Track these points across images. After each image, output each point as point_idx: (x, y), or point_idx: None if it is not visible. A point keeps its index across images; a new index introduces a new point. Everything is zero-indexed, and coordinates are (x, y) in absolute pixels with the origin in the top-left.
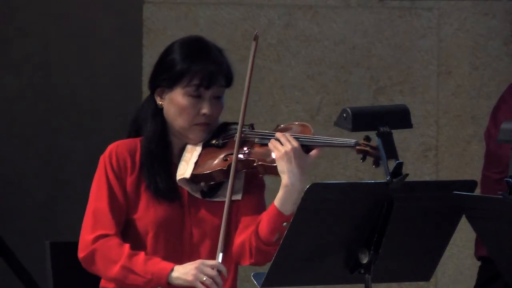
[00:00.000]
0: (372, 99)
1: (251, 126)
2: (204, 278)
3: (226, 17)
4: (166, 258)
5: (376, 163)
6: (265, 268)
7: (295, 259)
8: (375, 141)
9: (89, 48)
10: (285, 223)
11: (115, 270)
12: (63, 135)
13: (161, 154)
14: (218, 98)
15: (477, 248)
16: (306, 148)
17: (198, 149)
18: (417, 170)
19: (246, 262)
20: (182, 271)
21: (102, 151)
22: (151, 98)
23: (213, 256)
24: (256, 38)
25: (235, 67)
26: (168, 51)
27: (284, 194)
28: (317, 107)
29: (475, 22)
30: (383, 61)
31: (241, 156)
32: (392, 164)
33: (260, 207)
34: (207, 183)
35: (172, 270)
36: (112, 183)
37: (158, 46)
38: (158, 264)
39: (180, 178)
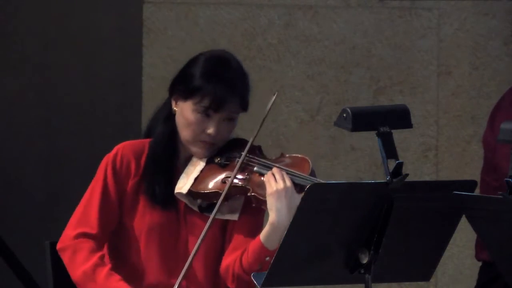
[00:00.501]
0: (372, 99)
1: (259, 149)
2: None
3: (226, 17)
4: (160, 264)
5: None
6: (265, 268)
7: (295, 259)
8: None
9: (89, 48)
10: (267, 258)
11: (78, 273)
12: (63, 135)
13: (165, 160)
14: (230, 120)
15: (477, 251)
16: (299, 187)
17: (202, 164)
18: (417, 170)
19: (229, 284)
20: None
21: (102, 151)
22: (169, 101)
23: (206, 264)
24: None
25: None
26: (193, 62)
27: (270, 231)
28: (317, 107)
29: (475, 22)
30: (383, 61)
31: (239, 182)
32: (392, 164)
33: (255, 230)
34: (203, 200)
35: None
36: (109, 185)
37: (158, 46)
38: (118, 283)
39: (178, 191)
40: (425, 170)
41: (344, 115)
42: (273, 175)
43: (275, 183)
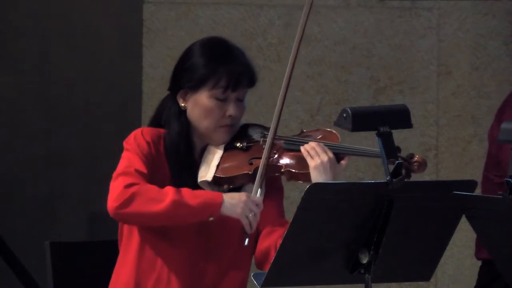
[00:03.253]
0: (372, 99)
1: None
2: (250, 214)
3: (226, 17)
4: (186, 257)
5: (407, 175)
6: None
7: (295, 259)
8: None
9: (89, 48)
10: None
11: (162, 205)
12: (63, 135)
13: (186, 157)
14: (240, 100)
15: (478, 250)
16: (337, 156)
17: (220, 151)
18: None
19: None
20: (231, 202)
21: (102, 151)
22: (173, 100)
23: (236, 255)
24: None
25: None
26: (188, 54)
27: None
28: (317, 107)
29: (475, 22)
30: (383, 61)
31: (267, 161)
32: (392, 164)
33: (280, 211)
34: (230, 186)
35: (223, 199)
36: (142, 158)
37: (158, 46)
38: (207, 194)
39: (201, 180)
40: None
41: (344, 115)
42: (314, 148)
43: (318, 156)
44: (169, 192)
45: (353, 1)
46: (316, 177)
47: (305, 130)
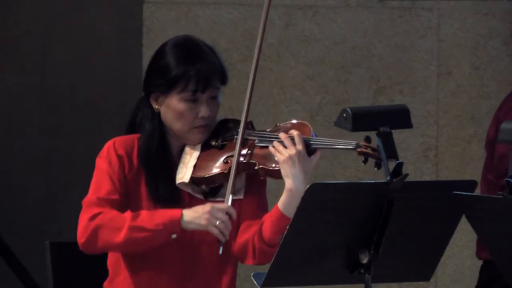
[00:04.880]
0: (372, 99)
1: (251, 124)
2: (217, 222)
3: (226, 17)
4: (170, 261)
5: (378, 165)
6: (265, 268)
7: (295, 259)
8: (376, 142)
9: (89, 48)
10: (288, 226)
11: (121, 235)
12: (63, 135)
13: (160, 159)
14: (214, 98)
15: (478, 250)
16: (308, 150)
17: (197, 150)
18: (417, 170)
19: (249, 262)
20: (194, 215)
21: None
22: (147, 102)
23: (216, 255)
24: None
25: (236, 67)
26: (160, 55)
27: (288, 198)
28: (317, 107)
29: (475, 22)
30: (383, 61)
31: (241, 158)
32: (392, 164)
33: (262, 205)
34: (209, 186)
35: (182, 215)
36: (114, 177)
37: (158, 46)
38: (166, 213)
39: (179, 182)
40: (425, 170)
41: (344, 115)
42: (282, 142)
43: (286, 150)
44: (126, 218)
45: (353, 1)
46: (286, 172)
47: (278, 124)
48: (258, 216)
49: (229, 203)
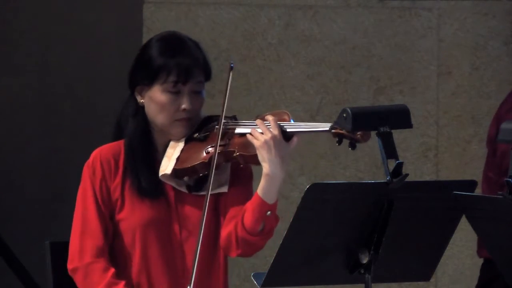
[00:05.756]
0: (372, 99)
1: (234, 118)
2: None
3: (226, 17)
4: (157, 256)
5: (352, 145)
6: (265, 268)
7: (295, 259)
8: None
9: (89, 48)
10: (269, 212)
11: None
12: (63, 135)
13: (143, 152)
14: (198, 92)
15: (479, 248)
16: (285, 135)
17: (181, 144)
18: (417, 170)
19: (233, 253)
20: None
21: None
22: (131, 97)
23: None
24: (231, 70)
25: (236, 67)
26: (145, 48)
27: (266, 183)
28: (317, 107)
29: (475, 22)
30: (383, 61)
31: (221, 147)
32: (392, 164)
33: (247, 198)
34: (191, 177)
35: None
36: (97, 191)
37: None
38: None
39: (162, 174)
40: (425, 170)
41: (344, 115)
42: (258, 128)
43: (261, 135)
44: (103, 281)
45: (353, 1)
46: (262, 156)
47: (263, 115)
48: (242, 208)
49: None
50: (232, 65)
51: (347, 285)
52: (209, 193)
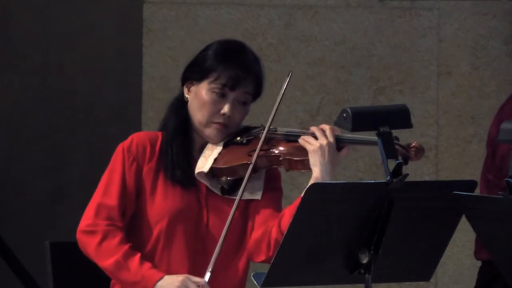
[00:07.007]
0: (372, 99)
1: (275, 129)
2: None
3: (226, 17)
4: (184, 247)
5: (405, 162)
6: (265, 268)
7: (295, 259)
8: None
9: (89, 48)
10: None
11: (108, 262)
12: (63, 135)
13: (181, 144)
14: (243, 103)
15: (477, 250)
16: (337, 145)
17: (219, 147)
18: (417, 170)
19: (262, 256)
20: (168, 281)
21: (102, 151)
22: (180, 92)
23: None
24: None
25: None
26: (206, 47)
27: None
28: (317, 107)
29: (475, 22)
30: (383, 61)
31: (265, 152)
32: (392, 164)
33: (279, 206)
34: (228, 177)
35: (161, 278)
36: (127, 172)
37: (158, 46)
38: (150, 270)
39: (198, 171)
40: (425, 170)
41: (344, 115)
42: (313, 133)
43: (316, 141)
44: (121, 250)
45: (353, 1)
46: (315, 161)
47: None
48: (273, 215)
49: (207, 278)
50: (290, 72)
51: (347, 285)
52: (242, 191)
